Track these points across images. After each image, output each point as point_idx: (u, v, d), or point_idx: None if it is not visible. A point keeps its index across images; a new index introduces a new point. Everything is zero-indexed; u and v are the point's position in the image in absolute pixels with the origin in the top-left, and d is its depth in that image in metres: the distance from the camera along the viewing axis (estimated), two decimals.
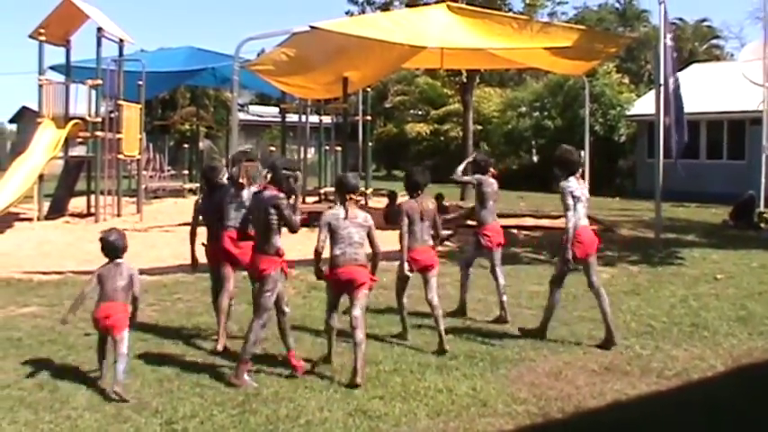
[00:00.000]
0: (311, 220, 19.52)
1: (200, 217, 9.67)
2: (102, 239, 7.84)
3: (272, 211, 7.69)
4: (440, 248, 16.88)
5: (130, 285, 7.67)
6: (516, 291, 12.60)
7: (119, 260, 7.72)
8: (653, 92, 22.65)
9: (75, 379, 7.83)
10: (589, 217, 10.46)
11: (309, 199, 24.92)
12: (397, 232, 9.36)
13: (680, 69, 38.71)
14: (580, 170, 10.19)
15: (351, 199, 8.40)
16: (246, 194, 9.02)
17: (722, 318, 10.97)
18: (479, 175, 11.30)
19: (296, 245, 13.59)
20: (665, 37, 18.08)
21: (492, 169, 11.65)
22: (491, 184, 11.34)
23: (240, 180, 9.27)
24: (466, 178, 11.91)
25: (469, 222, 21.82)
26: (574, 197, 9.76)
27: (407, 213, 9.45)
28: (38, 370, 8.13)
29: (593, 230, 10.03)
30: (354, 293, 8.14)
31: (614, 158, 40.23)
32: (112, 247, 7.75)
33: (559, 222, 22.31)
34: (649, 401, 7.56)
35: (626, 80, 43.08)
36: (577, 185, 9.81)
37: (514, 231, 20.31)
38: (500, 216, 11.76)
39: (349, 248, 8.21)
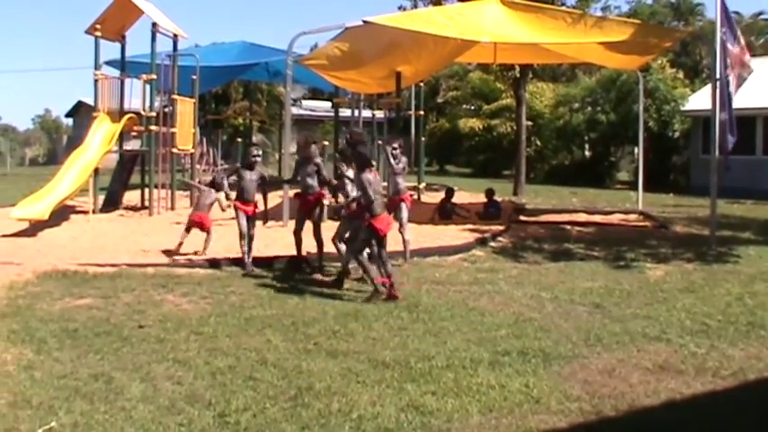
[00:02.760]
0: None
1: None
2: None
3: None
4: (493, 244, 16.94)
5: None
6: (570, 287, 12.52)
7: None
8: (708, 87, 22.40)
9: (129, 370, 7.90)
10: (643, 213, 10.36)
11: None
12: (452, 227, 9.37)
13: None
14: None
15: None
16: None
17: None
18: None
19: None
20: (721, 31, 17.84)
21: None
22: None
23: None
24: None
25: (522, 218, 21.81)
26: None
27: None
28: (93, 361, 8.22)
29: (641, 227, 9.92)
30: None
31: (668, 154, 39.84)
32: None
33: (613, 218, 22.31)
34: (704, 401, 7.47)
35: (680, 75, 42.58)
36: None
37: (567, 227, 20.16)
38: (553, 212, 11.73)
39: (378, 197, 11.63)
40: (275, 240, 15.96)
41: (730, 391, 7.75)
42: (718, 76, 17.62)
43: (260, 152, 14.42)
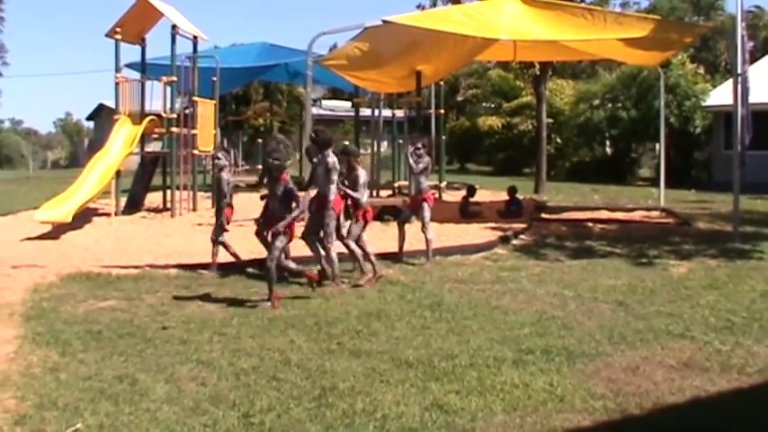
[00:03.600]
0: (382, 213, 19.68)
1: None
2: None
3: None
4: (515, 242, 16.91)
5: None
6: (592, 285, 12.49)
7: None
8: (729, 82, 22.27)
9: (153, 372, 7.93)
10: (665, 209, 10.32)
11: (383, 192, 24.94)
12: (474, 226, 9.36)
13: (758, 58, 38.19)
14: None
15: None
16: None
17: None
18: None
19: (371, 239, 13.70)
20: (741, 26, 17.75)
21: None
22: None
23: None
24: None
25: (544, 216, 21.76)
26: None
27: None
28: (117, 362, 8.26)
29: (664, 223, 9.87)
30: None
31: (690, 150, 39.66)
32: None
33: (635, 215, 22.23)
34: (730, 399, 7.43)
35: (701, 70, 42.39)
36: None
37: (589, 224, 20.11)
38: (575, 209, 11.73)
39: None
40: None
41: (756, 388, 7.71)
42: (739, 71, 17.55)
43: (221, 156, 13.96)
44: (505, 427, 6.64)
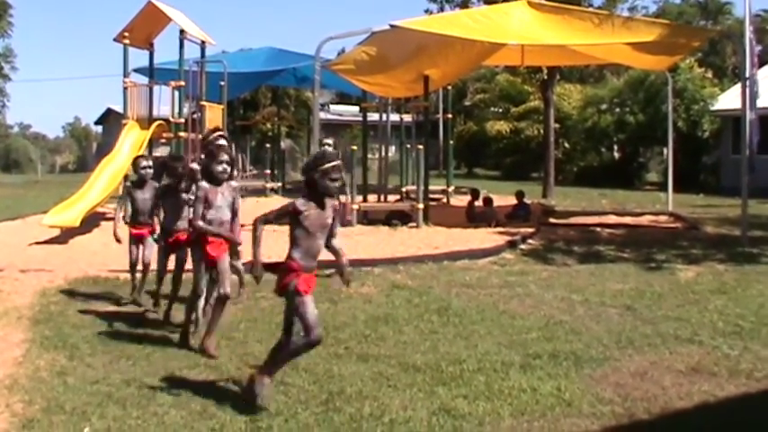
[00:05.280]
0: (390, 218, 19.71)
1: None
2: None
3: None
4: (522, 247, 16.89)
5: None
6: (600, 289, 12.47)
7: None
8: (737, 86, 22.25)
9: (161, 376, 7.94)
10: (673, 214, 10.29)
11: (390, 197, 24.95)
12: (482, 230, 9.33)
13: (766, 62, 38.08)
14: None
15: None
16: None
17: None
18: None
19: (379, 244, 13.75)
20: (749, 30, 17.74)
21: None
22: None
23: None
24: None
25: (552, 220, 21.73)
26: None
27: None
28: (125, 366, 8.27)
29: (672, 228, 9.83)
30: None
31: (698, 155, 39.58)
32: None
33: (643, 220, 22.19)
34: (738, 404, 7.41)
35: (709, 74, 42.33)
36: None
37: (597, 229, 20.08)
38: (582, 214, 11.70)
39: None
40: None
41: (765, 393, 7.68)
42: (747, 74, 17.53)
43: (149, 163, 12.17)
44: (513, 431, 6.64)
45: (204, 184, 8.80)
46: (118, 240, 11.77)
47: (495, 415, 6.92)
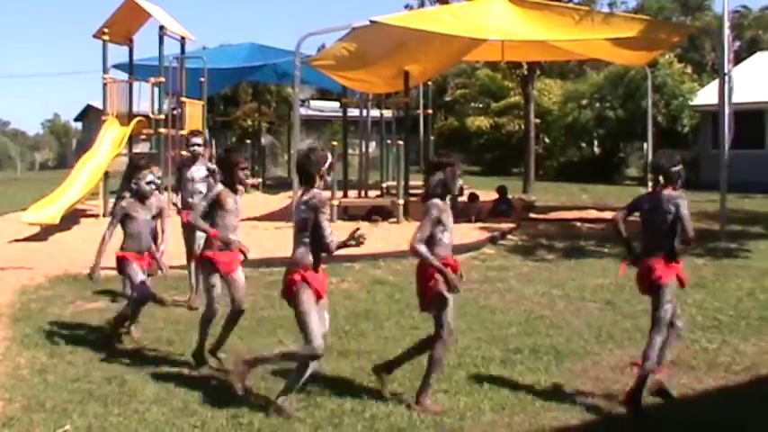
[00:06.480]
0: (371, 213, 19.72)
1: None
2: None
3: None
4: (503, 242, 16.92)
5: None
6: (580, 284, 12.53)
7: None
8: (716, 82, 22.34)
9: (142, 373, 7.94)
10: None
11: (372, 193, 24.94)
12: (463, 225, 9.33)
13: (744, 58, 38.29)
14: None
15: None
16: None
17: None
18: None
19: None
20: (727, 26, 17.84)
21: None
22: None
23: None
24: None
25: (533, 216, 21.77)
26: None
27: None
28: (105, 364, 8.26)
29: None
30: None
31: (677, 149, 39.68)
32: None
33: None
34: (717, 397, 7.48)
35: (688, 70, 42.45)
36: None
37: (577, 224, 20.13)
38: (563, 208, 11.75)
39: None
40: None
41: (743, 386, 7.75)
42: (725, 70, 17.62)
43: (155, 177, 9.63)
44: (494, 425, 6.67)
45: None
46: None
47: (475, 409, 6.96)
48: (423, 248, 6.97)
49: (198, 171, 11.45)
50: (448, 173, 7.16)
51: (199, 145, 11.37)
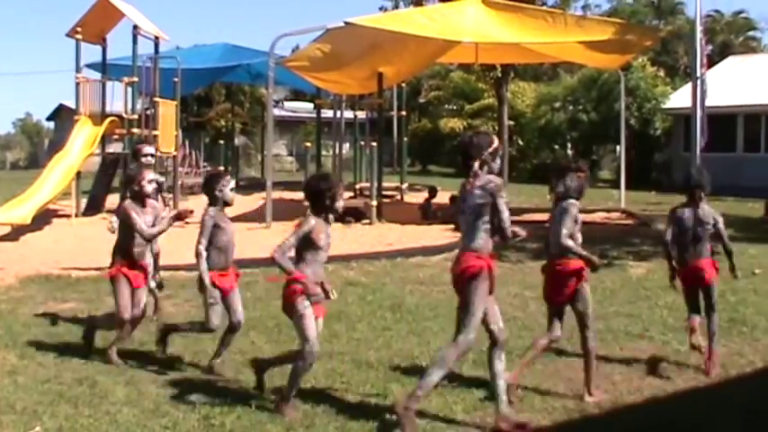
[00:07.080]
0: (344, 215, 19.70)
1: None
2: None
3: None
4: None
5: None
6: None
7: None
8: (689, 85, 22.52)
9: (113, 374, 7.90)
10: (625, 211, 10.39)
11: (345, 194, 24.91)
12: (435, 227, 9.36)
13: (716, 62, 38.57)
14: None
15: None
16: None
17: (760, 313, 10.89)
18: None
19: (332, 240, 13.63)
20: (700, 30, 17.98)
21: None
22: None
23: None
24: None
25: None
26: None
27: None
28: (77, 365, 8.22)
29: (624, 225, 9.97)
30: None
31: (650, 152, 39.96)
32: None
33: (595, 216, 22.37)
34: (687, 398, 7.52)
35: (661, 73, 42.72)
36: None
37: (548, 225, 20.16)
38: (536, 210, 11.80)
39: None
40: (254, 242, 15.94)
41: (713, 387, 7.81)
42: (698, 74, 17.76)
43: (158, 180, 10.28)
44: (466, 427, 6.68)
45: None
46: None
47: (447, 410, 6.97)
48: (570, 242, 8.14)
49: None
50: (583, 179, 8.33)
51: (152, 155, 10.86)
